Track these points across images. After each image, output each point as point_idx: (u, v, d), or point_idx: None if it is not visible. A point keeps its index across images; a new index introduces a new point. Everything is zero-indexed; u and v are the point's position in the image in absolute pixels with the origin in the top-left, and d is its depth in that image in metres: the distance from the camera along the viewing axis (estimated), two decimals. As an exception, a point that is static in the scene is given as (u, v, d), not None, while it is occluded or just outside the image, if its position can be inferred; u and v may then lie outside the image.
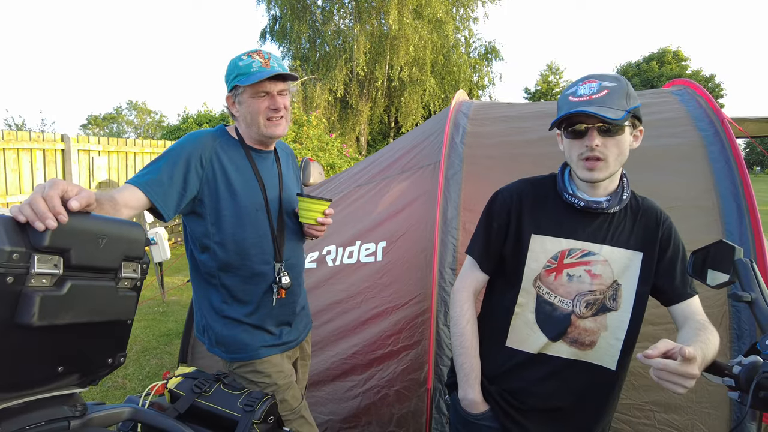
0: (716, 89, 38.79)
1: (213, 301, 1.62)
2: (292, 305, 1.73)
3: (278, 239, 1.63)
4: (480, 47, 22.95)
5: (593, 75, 1.26)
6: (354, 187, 3.02)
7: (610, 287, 1.31)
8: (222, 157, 1.57)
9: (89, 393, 3.30)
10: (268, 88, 1.54)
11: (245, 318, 1.61)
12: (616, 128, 1.20)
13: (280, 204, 1.67)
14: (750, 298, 1.01)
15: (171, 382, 1.31)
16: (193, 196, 1.52)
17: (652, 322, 1.92)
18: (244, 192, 1.58)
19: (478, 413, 1.38)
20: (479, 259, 1.43)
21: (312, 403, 2.34)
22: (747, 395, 0.89)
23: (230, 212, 1.55)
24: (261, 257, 1.60)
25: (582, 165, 1.24)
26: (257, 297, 1.62)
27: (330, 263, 2.61)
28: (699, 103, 2.56)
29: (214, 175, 1.54)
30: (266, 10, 21.12)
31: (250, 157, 1.63)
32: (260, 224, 1.60)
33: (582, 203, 1.29)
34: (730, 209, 2.05)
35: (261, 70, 1.51)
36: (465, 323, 1.40)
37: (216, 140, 1.60)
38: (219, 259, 1.57)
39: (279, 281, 1.62)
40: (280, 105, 1.56)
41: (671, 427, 1.94)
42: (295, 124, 10.90)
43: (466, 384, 1.39)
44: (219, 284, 1.60)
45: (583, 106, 1.19)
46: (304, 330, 1.84)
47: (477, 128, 2.72)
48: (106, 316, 1.01)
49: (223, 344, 1.63)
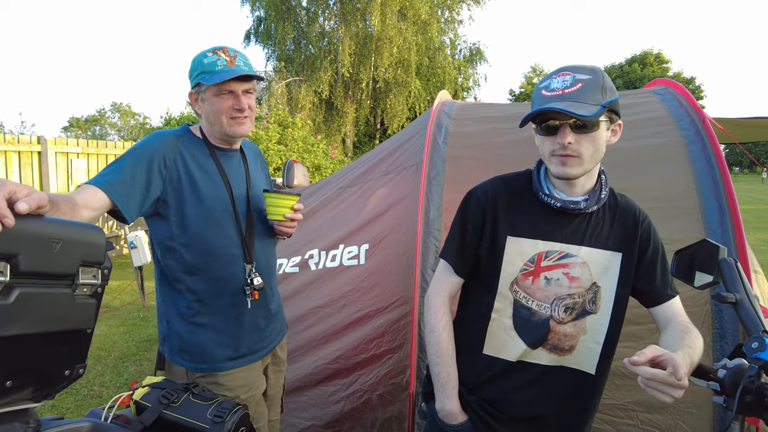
0: (697, 91, 39.53)
1: (179, 306, 1.55)
2: (266, 308, 1.66)
3: (247, 240, 1.58)
4: (465, 49, 23.10)
5: (568, 67, 1.19)
6: (337, 189, 2.98)
7: (589, 290, 1.26)
8: (186, 157, 1.52)
9: (63, 402, 3.20)
10: (233, 88, 1.49)
11: (213, 324, 1.55)
12: (591, 124, 1.14)
13: (248, 203, 1.61)
14: (734, 299, 0.99)
15: (137, 392, 1.25)
16: (156, 197, 1.46)
17: (636, 322, 1.91)
18: (209, 192, 1.52)
19: (456, 424, 1.31)
20: (453, 262, 1.36)
21: (294, 408, 2.30)
22: (733, 400, 0.87)
23: (195, 213, 1.49)
24: (228, 259, 1.54)
25: (555, 161, 1.19)
26: (226, 301, 1.55)
27: (313, 267, 2.57)
28: (680, 102, 2.56)
29: (178, 175, 1.49)
30: (251, 11, 21.02)
31: (215, 156, 1.57)
32: (227, 225, 1.54)
33: (559, 204, 1.23)
34: (712, 209, 2.05)
35: (225, 69, 1.46)
36: (441, 330, 1.33)
37: (179, 140, 1.54)
38: (184, 261, 1.51)
39: (251, 283, 1.55)
40: (245, 105, 1.51)
41: (654, 427, 1.92)
42: (280, 125, 10.81)
43: (443, 394, 1.32)
44: (185, 288, 1.53)
45: (555, 102, 1.13)
46: (278, 335, 1.77)
47: (459, 128, 2.69)
48: (63, 326, 0.95)
49: (187, 352, 1.56)
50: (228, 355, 1.56)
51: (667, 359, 0.92)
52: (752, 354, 0.88)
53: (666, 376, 0.89)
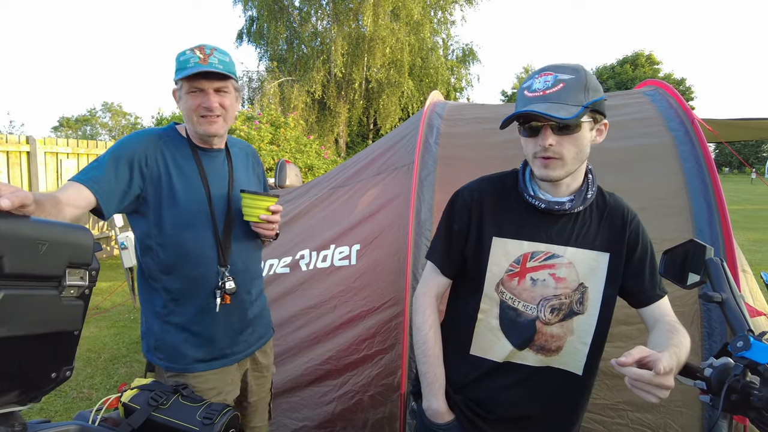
0: (687, 92, 39.89)
1: (155, 304, 1.55)
2: (241, 313, 1.63)
3: (223, 242, 1.55)
4: (457, 50, 23.15)
5: (550, 66, 1.17)
6: (329, 189, 2.97)
7: (576, 290, 1.25)
8: (166, 156, 1.51)
9: (52, 405, 3.16)
10: (203, 85, 1.47)
11: (186, 324, 1.54)
12: (572, 126, 1.12)
13: (228, 206, 1.59)
14: (721, 299, 1.00)
15: (125, 395, 1.25)
16: (136, 195, 1.46)
17: (625, 321, 1.92)
18: (186, 192, 1.51)
19: (443, 423, 1.32)
20: (440, 263, 1.36)
21: (286, 409, 2.29)
22: (719, 399, 0.88)
23: (171, 213, 1.48)
24: (201, 260, 1.52)
25: (537, 162, 1.18)
26: (199, 302, 1.53)
27: (304, 268, 2.56)
28: (670, 103, 2.58)
29: (158, 174, 1.48)
30: (243, 11, 20.91)
31: (197, 156, 1.56)
32: (202, 226, 1.52)
33: (543, 205, 1.22)
34: (701, 209, 2.07)
35: (196, 66, 1.44)
36: (427, 329, 1.34)
37: (162, 139, 1.54)
38: (161, 260, 1.50)
39: (222, 287, 1.53)
40: (213, 104, 1.48)
41: (644, 426, 1.94)
42: (272, 125, 10.77)
43: (429, 393, 1.32)
44: (161, 287, 1.53)
45: (535, 103, 1.12)
46: (258, 341, 1.73)
47: (451, 129, 2.69)
48: (49, 328, 0.94)
49: (161, 350, 1.55)
50: (199, 356, 1.55)
51: (654, 360, 0.92)
52: (737, 353, 0.89)
53: (652, 377, 0.90)
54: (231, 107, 1.55)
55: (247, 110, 11.98)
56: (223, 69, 1.47)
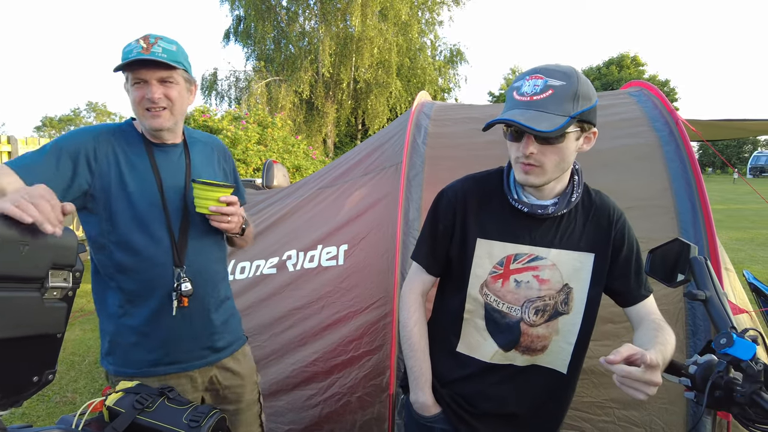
0: (671, 93, 40.46)
1: (110, 304, 1.48)
2: (201, 317, 1.54)
3: (178, 241, 1.48)
4: (445, 50, 23.27)
5: (542, 69, 1.12)
6: (316, 189, 2.96)
7: (561, 291, 1.25)
8: (118, 152, 1.45)
9: (34, 409, 3.11)
10: (145, 76, 1.39)
11: (141, 327, 1.47)
12: (559, 136, 1.09)
13: (184, 203, 1.51)
14: (704, 297, 1.01)
15: (110, 398, 1.22)
16: (83, 191, 1.39)
17: (612, 320, 1.94)
18: (138, 189, 1.44)
19: (429, 416, 1.34)
20: (425, 264, 1.37)
21: (272, 413, 2.26)
22: (703, 395, 0.88)
23: (122, 210, 1.42)
24: (156, 260, 1.45)
25: (519, 168, 1.17)
26: (155, 304, 1.46)
27: (290, 268, 2.54)
28: (655, 104, 2.61)
29: (108, 170, 1.42)
30: (230, 10, 20.83)
31: (150, 151, 1.49)
32: (155, 224, 1.46)
33: (526, 208, 1.22)
34: (685, 208, 2.09)
35: (138, 55, 1.36)
36: (412, 325, 1.35)
37: (115, 134, 1.48)
38: (114, 259, 1.44)
39: (178, 288, 1.45)
40: (156, 95, 1.40)
41: (630, 424, 1.95)
42: (259, 125, 10.71)
43: (416, 387, 1.35)
44: (116, 287, 1.46)
45: (520, 109, 1.09)
46: (226, 348, 1.63)
47: (439, 129, 2.69)
48: (30, 330, 0.92)
49: (112, 354, 1.49)
50: (152, 360, 1.48)
51: (642, 357, 0.92)
52: (721, 350, 0.90)
53: (640, 374, 0.90)
54: (179, 99, 1.46)
55: (234, 110, 11.91)
56: (168, 58, 1.39)
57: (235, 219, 1.50)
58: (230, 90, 21.22)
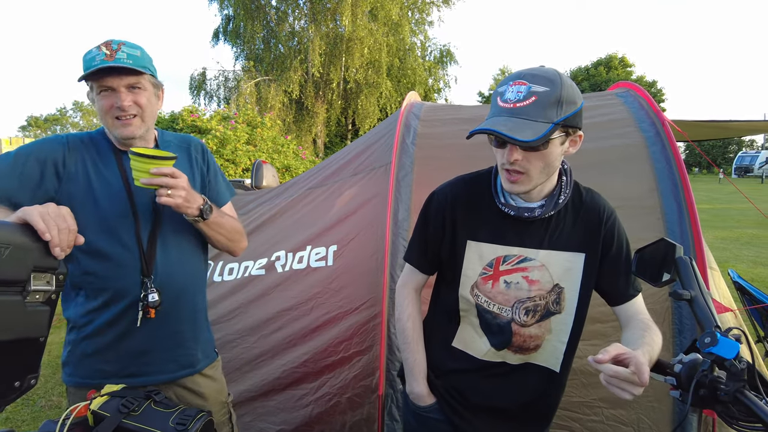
0: (658, 94, 40.92)
1: (75, 314, 1.44)
2: (169, 331, 1.49)
3: (147, 251, 1.44)
4: (435, 51, 23.32)
5: (526, 74, 1.10)
6: (305, 190, 2.95)
7: (552, 291, 1.26)
8: (86, 160, 1.42)
9: (19, 414, 3.06)
10: (112, 83, 1.35)
11: (104, 337, 1.43)
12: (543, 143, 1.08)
13: (156, 211, 1.47)
14: (690, 296, 1.02)
15: (95, 402, 1.20)
16: (49, 197, 1.35)
17: (600, 320, 1.95)
18: (106, 198, 1.41)
19: (425, 406, 1.38)
20: (417, 265, 1.40)
21: (263, 413, 2.26)
22: (688, 394, 0.89)
23: (90, 219, 1.38)
24: (124, 269, 1.41)
25: (504, 174, 1.17)
26: (120, 314, 1.42)
27: (279, 269, 2.53)
28: (641, 105, 2.63)
29: (77, 177, 1.40)
30: (219, 10, 20.71)
31: (120, 160, 1.45)
32: (124, 232, 1.42)
33: (513, 212, 1.22)
34: (672, 208, 2.11)
35: (102, 63, 1.32)
36: (406, 319, 1.40)
37: (84, 142, 1.45)
38: (82, 268, 1.40)
39: (145, 299, 1.40)
40: (125, 103, 1.36)
41: (618, 423, 1.97)
42: (249, 125, 10.66)
43: (411, 377, 1.39)
44: (83, 296, 1.43)
45: (503, 117, 1.08)
46: (191, 366, 1.56)
47: (428, 130, 2.70)
48: (12, 335, 0.91)
49: (69, 364, 1.44)
50: (109, 372, 1.44)
51: (630, 357, 0.93)
52: (705, 349, 0.91)
53: (629, 374, 0.91)
54: (149, 105, 1.43)
55: (223, 110, 11.84)
56: (134, 64, 1.35)
57: (181, 194, 1.37)
58: (219, 90, 21.11)
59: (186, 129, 9.83)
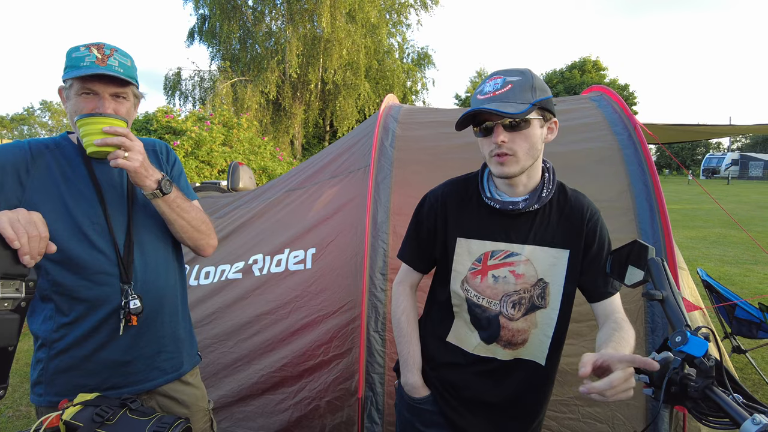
0: (630, 97, 41.93)
1: (45, 329, 1.38)
2: (152, 336, 1.46)
3: (124, 256, 1.40)
4: (413, 53, 23.46)
5: (499, 71, 1.25)
6: (284, 192, 2.92)
7: (536, 285, 1.31)
8: (53, 167, 1.37)
9: (-15, 425, 2.95)
10: (98, 89, 1.32)
11: (81, 350, 1.37)
12: (522, 122, 1.19)
13: (129, 215, 1.43)
14: (661, 296, 1.05)
15: (67, 412, 1.17)
16: (11, 205, 1.28)
17: (576, 319, 1.97)
18: (77, 204, 1.36)
19: (419, 397, 1.43)
20: (411, 263, 1.48)
21: (241, 418, 2.23)
22: (660, 391, 0.91)
23: (61, 226, 1.33)
24: (101, 277, 1.36)
25: (494, 161, 1.24)
26: (98, 325, 1.37)
27: (257, 273, 2.50)
28: (614, 108, 2.69)
29: (44, 186, 1.35)
30: (194, 9, 20.42)
31: (89, 164, 1.41)
32: (99, 239, 1.37)
33: (498, 205, 1.29)
34: (644, 209, 2.17)
35: (91, 66, 1.29)
36: (400, 314, 1.47)
37: (49, 148, 1.40)
38: (52, 279, 1.34)
39: (126, 306, 1.36)
40: (107, 110, 1.33)
41: (594, 420, 2.01)
42: (225, 126, 10.52)
43: (406, 370, 1.44)
44: (54, 309, 1.37)
45: (486, 103, 1.19)
46: (175, 372, 1.54)
47: (406, 132, 2.71)
48: None
49: (42, 383, 1.37)
50: (91, 386, 1.38)
51: (607, 359, 0.96)
52: (676, 347, 0.93)
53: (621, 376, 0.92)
54: (128, 115, 1.39)
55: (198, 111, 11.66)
56: (124, 73, 1.33)
57: (137, 157, 1.31)
58: (194, 90, 20.80)
59: (160, 130, 9.65)
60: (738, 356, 3.64)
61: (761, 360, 3.90)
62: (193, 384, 1.61)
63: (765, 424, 0.76)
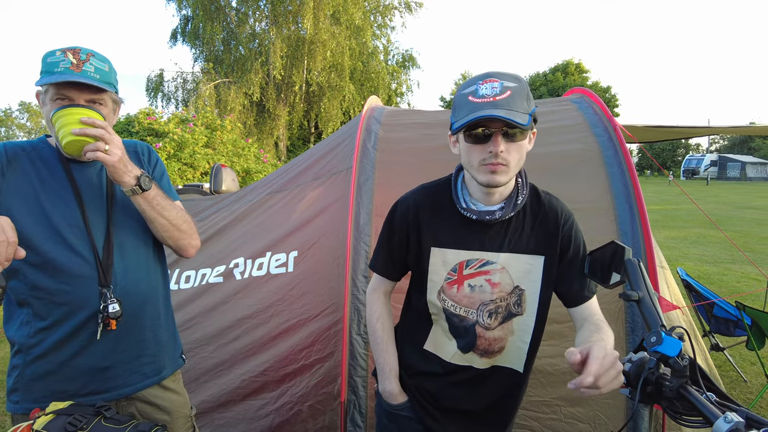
0: (612, 99, 42.57)
1: (22, 334, 1.35)
2: (133, 340, 1.44)
3: (103, 259, 1.37)
4: (398, 55, 23.51)
5: (493, 73, 1.15)
6: (265, 195, 2.90)
7: (512, 293, 1.29)
8: (29, 169, 1.35)
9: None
10: (73, 95, 1.29)
11: (59, 355, 1.35)
12: (519, 133, 1.13)
13: (108, 218, 1.41)
14: (638, 297, 1.05)
15: (39, 421, 1.14)
16: None
17: (557, 320, 2.00)
18: (55, 208, 1.34)
19: (396, 404, 1.41)
20: (383, 273, 1.44)
21: (221, 424, 2.20)
22: (636, 391, 0.92)
23: (38, 230, 1.31)
24: (79, 281, 1.34)
25: (484, 170, 1.16)
26: (76, 330, 1.35)
27: (238, 276, 2.47)
28: (595, 110, 2.72)
29: (20, 190, 1.32)
30: (177, 10, 20.22)
31: (68, 168, 1.39)
32: (78, 242, 1.35)
33: (474, 216, 1.25)
34: (624, 210, 2.19)
35: (65, 72, 1.26)
36: (375, 320, 1.44)
37: (26, 151, 1.38)
38: (30, 283, 1.32)
39: (105, 310, 1.34)
40: None
41: (576, 420, 2.02)
42: (207, 128, 10.42)
43: (383, 376, 1.42)
44: (31, 313, 1.35)
45: (490, 109, 1.09)
46: (156, 375, 1.52)
47: (389, 134, 2.70)
48: None
49: (18, 390, 1.35)
50: (69, 392, 1.36)
51: (587, 350, 0.93)
52: (651, 348, 0.94)
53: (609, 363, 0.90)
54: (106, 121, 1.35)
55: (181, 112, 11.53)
56: (100, 80, 1.30)
57: (116, 151, 1.29)
58: (177, 92, 20.57)
59: (142, 132, 9.52)
60: (716, 353, 3.71)
61: (739, 357, 3.98)
62: (174, 389, 1.58)
63: (736, 422, 0.77)
